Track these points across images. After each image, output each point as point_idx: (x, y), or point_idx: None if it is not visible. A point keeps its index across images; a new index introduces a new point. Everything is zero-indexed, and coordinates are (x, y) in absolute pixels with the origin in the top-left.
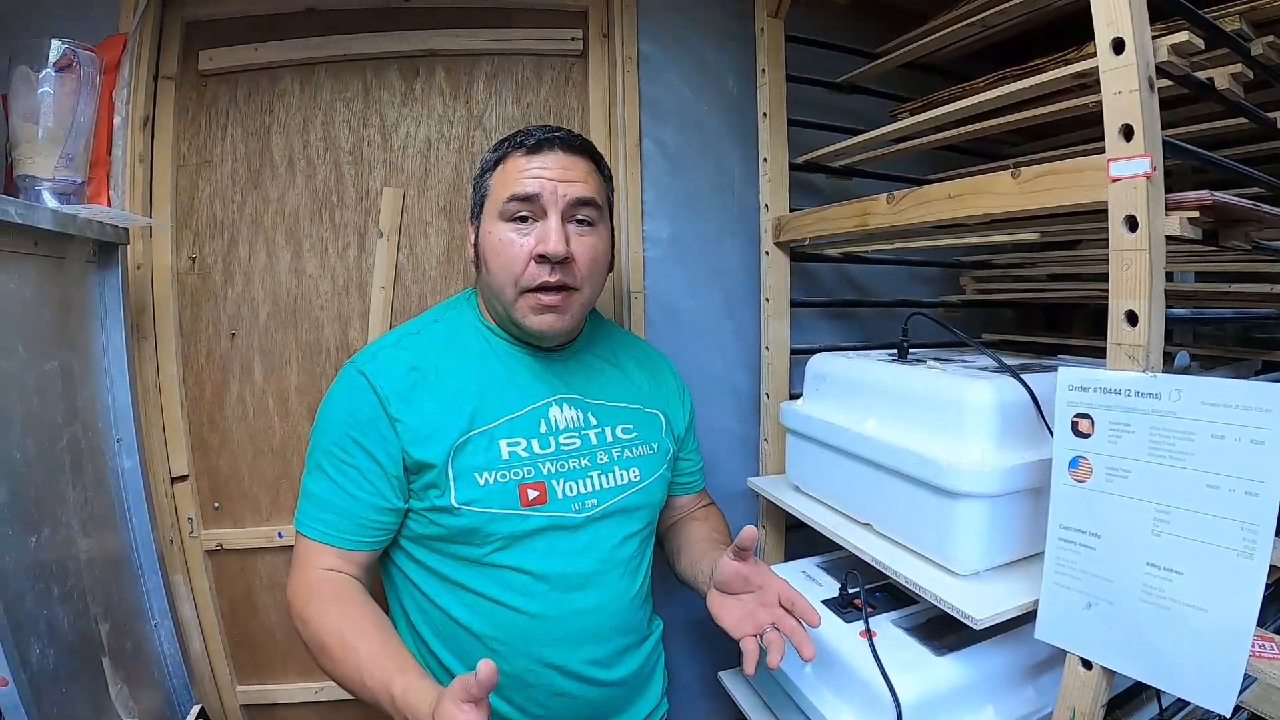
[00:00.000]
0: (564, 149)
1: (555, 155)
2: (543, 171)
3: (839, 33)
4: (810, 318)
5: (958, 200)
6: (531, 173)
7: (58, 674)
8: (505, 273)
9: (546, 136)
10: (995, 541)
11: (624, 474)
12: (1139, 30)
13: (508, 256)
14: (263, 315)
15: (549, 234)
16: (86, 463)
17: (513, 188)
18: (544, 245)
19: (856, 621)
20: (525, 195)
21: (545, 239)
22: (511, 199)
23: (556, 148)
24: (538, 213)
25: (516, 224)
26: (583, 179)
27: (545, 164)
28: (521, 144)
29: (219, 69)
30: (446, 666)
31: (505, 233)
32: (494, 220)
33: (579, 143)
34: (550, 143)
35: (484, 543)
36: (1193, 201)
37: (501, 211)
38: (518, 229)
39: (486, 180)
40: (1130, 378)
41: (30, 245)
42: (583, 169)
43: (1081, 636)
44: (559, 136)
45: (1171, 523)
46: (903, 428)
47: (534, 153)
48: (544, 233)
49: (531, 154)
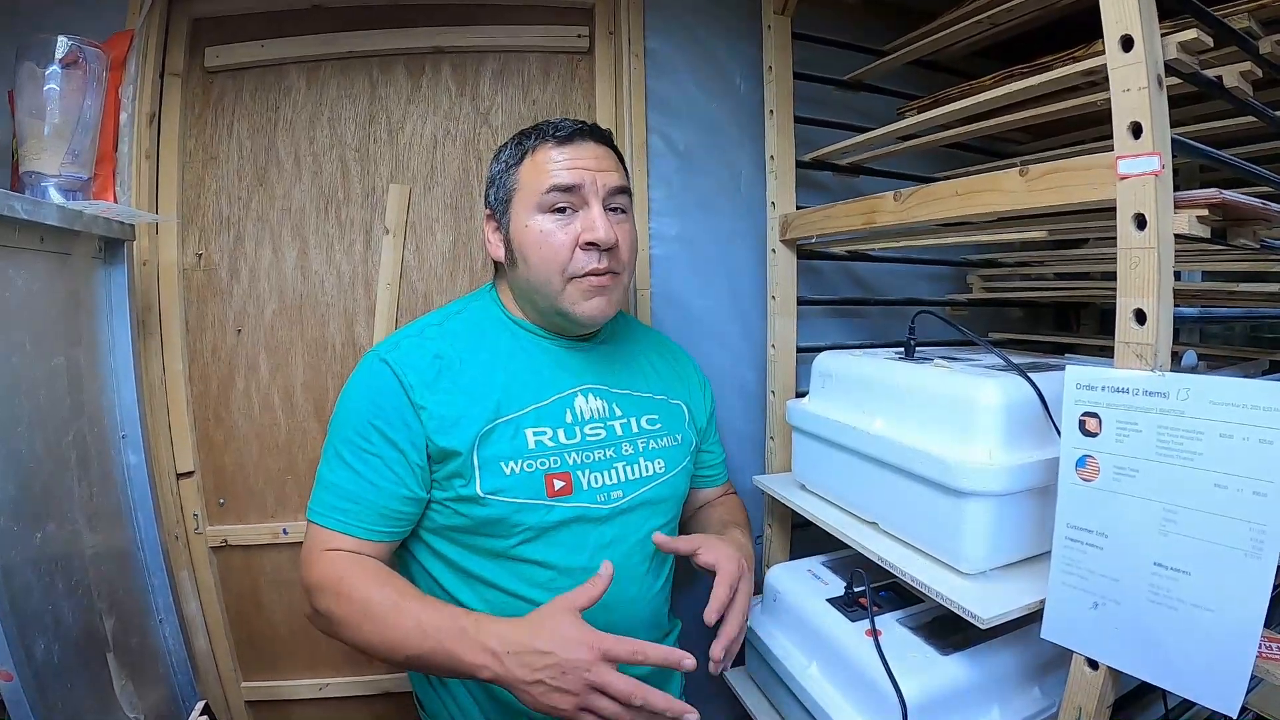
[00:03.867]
0: (594, 140)
1: (588, 145)
2: (580, 161)
3: (846, 30)
4: (817, 316)
5: (965, 198)
6: (568, 163)
7: (62, 669)
8: (550, 264)
9: (578, 128)
10: (1002, 540)
11: (649, 465)
12: (1148, 27)
13: (552, 245)
14: (268, 312)
15: (595, 222)
16: (92, 458)
17: (551, 179)
18: (592, 233)
19: (862, 620)
20: (567, 186)
21: (592, 227)
22: (552, 190)
23: (588, 138)
24: (578, 203)
25: (556, 215)
26: (614, 168)
27: (580, 154)
28: (552, 135)
29: (225, 65)
30: None
31: (545, 224)
32: (530, 213)
33: (605, 134)
34: (582, 133)
35: (510, 534)
36: (1201, 200)
37: (540, 204)
38: (558, 220)
39: (512, 175)
40: (1138, 376)
41: (36, 241)
42: (613, 159)
43: (1088, 636)
44: (589, 127)
45: (1179, 522)
46: (909, 426)
47: (566, 143)
48: (589, 221)
49: (563, 145)
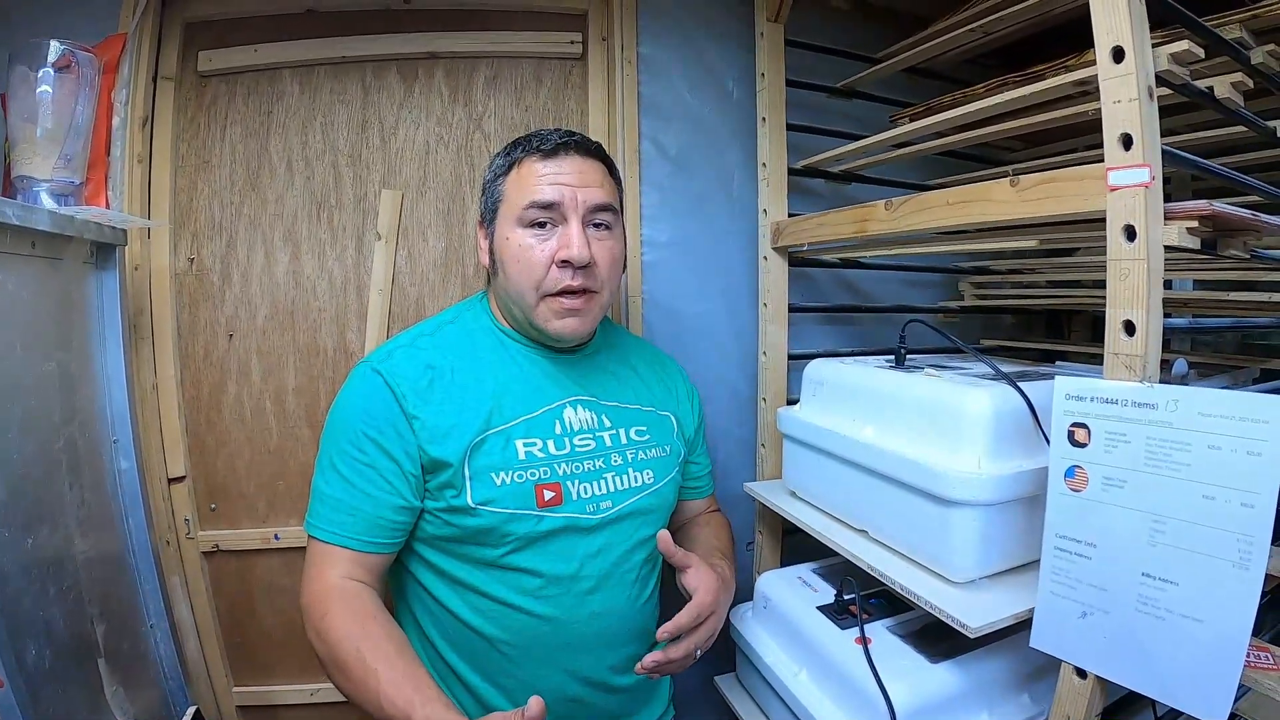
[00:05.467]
0: (580, 153)
1: (572, 160)
2: (561, 177)
3: (839, 37)
4: (808, 323)
5: (956, 207)
6: (550, 178)
7: (53, 675)
8: (526, 278)
9: (563, 141)
10: (991, 549)
11: (638, 476)
12: (1139, 39)
13: (528, 262)
14: (260, 317)
15: (572, 240)
16: (84, 463)
17: (531, 194)
18: (567, 251)
19: (852, 628)
20: (546, 203)
21: (568, 245)
22: (531, 205)
23: (573, 152)
24: (558, 219)
25: (535, 229)
26: (599, 183)
27: (562, 169)
28: (537, 148)
29: (218, 70)
30: (456, 671)
31: (525, 238)
32: (511, 226)
33: (594, 147)
34: (566, 147)
35: (499, 544)
36: (1191, 211)
37: (520, 218)
38: (537, 234)
39: (500, 185)
40: (1127, 388)
41: (27, 246)
42: (599, 173)
43: (1076, 646)
44: (575, 140)
45: (1167, 533)
46: (899, 435)
47: (550, 157)
48: (566, 238)
49: (548, 159)
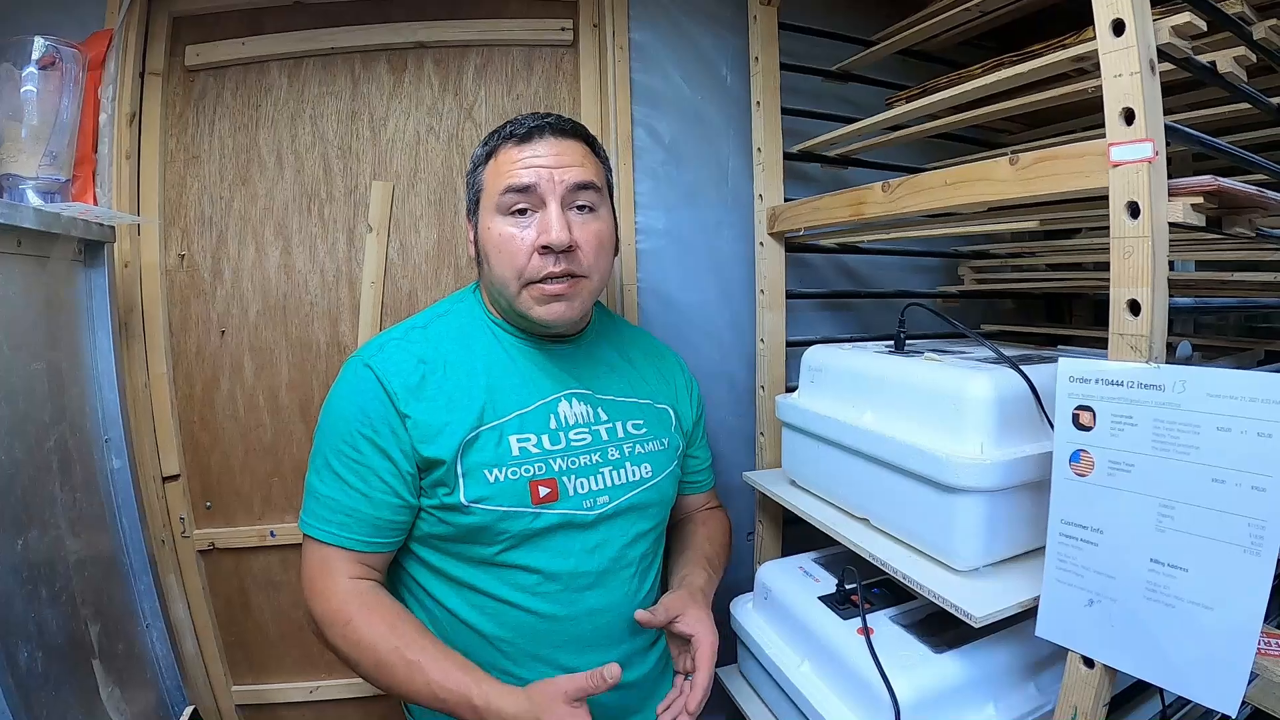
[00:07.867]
0: (555, 134)
1: (547, 142)
2: (536, 160)
3: (834, 20)
4: (806, 309)
5: (954, 188)
6: (525, 162)
7: (47, 677)
8: (508, 267)
9: (537, 124)
10: (995, 537)
11: (636, 470)
12: (1139, 11)
13: (509, 251)
14: (252, 312)
15: (550, 223)
16: (75, 463)
17: (507, 180)
18: (546, 236)
19: (854, 618)
20: (521, 186)
21: (547, 229)
22: (507, 191)
23: (548, 134)
24: (536, 203)
25: (515, 217)
26: (578, 162)
27: (538, 152)
28: (512, 134)
29: (206, 64)
30: None
31: (505, 227)
32: (492, 215)
33: (570, 126)
34: (540, 130)
35: (494, 541)
36: (1196, 187)
37: (498, 205)
38: (517, 222)
39: (479, 175)
40: (1133, 369)
41: (13, 245)
42: (578, 152)
43: (1083, 634)
44: (549, 122)
45: (1176, 518)
46: (900, 421)
47: (525, 142)
48: (545, 223)
49: (523, 143)
